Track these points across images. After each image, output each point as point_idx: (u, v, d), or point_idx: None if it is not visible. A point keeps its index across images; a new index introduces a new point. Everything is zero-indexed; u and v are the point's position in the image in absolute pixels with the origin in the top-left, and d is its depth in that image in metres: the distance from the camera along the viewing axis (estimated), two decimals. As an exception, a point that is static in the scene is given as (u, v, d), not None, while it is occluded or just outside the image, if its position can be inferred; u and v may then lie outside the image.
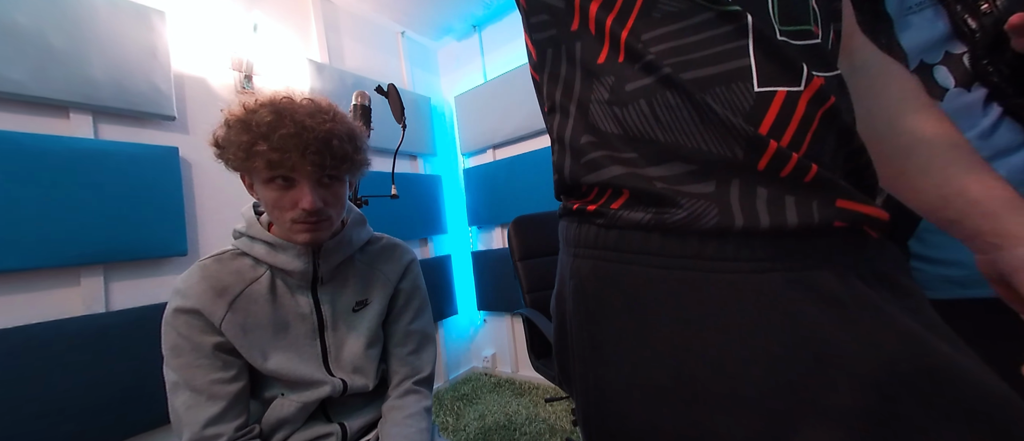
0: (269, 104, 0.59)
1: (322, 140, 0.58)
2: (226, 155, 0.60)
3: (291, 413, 0.67)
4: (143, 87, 1.33)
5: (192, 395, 0.60)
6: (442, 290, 2.34)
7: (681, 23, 0.32)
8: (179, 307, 0.61)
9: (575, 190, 0.38)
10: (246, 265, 0.66)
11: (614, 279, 0.33)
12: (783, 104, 0.30)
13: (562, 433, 1.69)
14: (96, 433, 1.14)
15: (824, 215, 0.29)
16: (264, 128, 0.57)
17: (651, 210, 0.32)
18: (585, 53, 0.36)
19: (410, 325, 0.79)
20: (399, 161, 2.25)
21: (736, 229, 0.29)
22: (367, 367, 0.73)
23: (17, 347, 1.05)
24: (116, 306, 1.25)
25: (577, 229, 0.37)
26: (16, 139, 1.10)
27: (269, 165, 0.57)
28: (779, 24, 0.32)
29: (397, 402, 0.74)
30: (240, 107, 0.60)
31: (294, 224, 0.62)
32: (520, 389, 2.17)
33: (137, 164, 1.29)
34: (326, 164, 0.59)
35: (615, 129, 0.34)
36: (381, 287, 0.76)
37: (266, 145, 0.56)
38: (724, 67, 0.31)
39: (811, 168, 0.29)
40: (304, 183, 0.60)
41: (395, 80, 2.32)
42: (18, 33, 1.13)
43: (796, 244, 0.29)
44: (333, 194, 0.64)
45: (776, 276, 0.29)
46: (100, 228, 1.21)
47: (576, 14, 0.36)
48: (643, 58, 0.32)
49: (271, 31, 1.79)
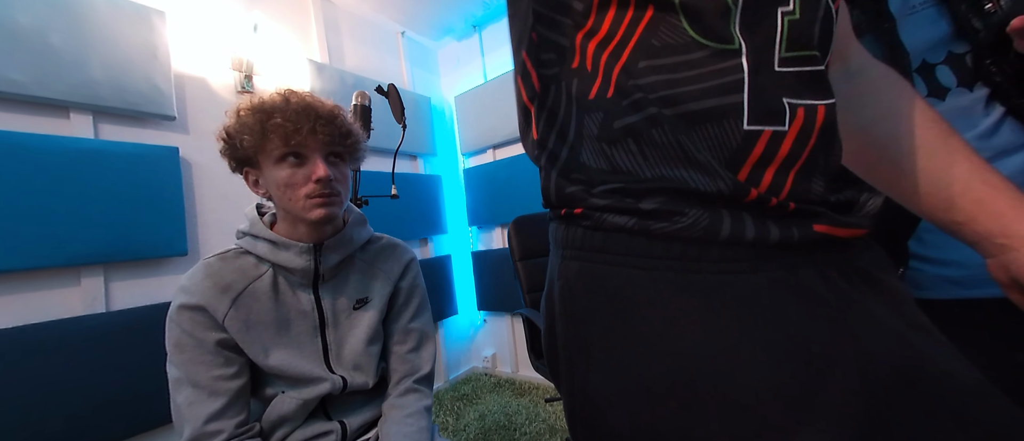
0: (274, 94, 0.65)
1: (329, 115, 0.65)
2: (236, 143, 0.64)
3: (291, 410, 0.68)
4: (143, 87, 1.33)
5: (194, 391, 0.61)
6: (442, 290, 2.33)
7: (678, 57, 0.32)
8: (184, 304, 0.62)
9: (562, 205, 0.38)
10: (249, 263, 0.67)
11: (599, 280, 0.33)
12: (768, 143, 0.30)
13: (562, 433, 1.69)
14: (96, 433, 1.14)
15: (804, 235, 0.30)
16: (277, 105, 0.62)
17: (634, 218, 0.32)
18: (579, 88, 0.36)
19: (409, 323, 0.79)
20: (399, 161, 2.25)
21: (721, 238, 0.30)
22: (367, 364, 0.74)
23: (17, 347, 1.05)
24: (116, 306, 1.25)
25: (565, 231, 0.37)
26: (16, 139, 1.10)
27: (285, 137, 0.61)
28: (783, 51, 0.31)
29: (397, 401, 0.74)
30: (247, 101, 0.65)
31: (309, 199, 0.64)
32: (520, 389, 2.17)
33: (137, 164, 1.29)
34: (335, 137, 0.65)
35: (603, 164, 0.34)
36: (381, 285, 0.77)
37: (280, 118, 0.61)
38: (717, 102, 0.31)
39: (789, 206, 0.31)
40: (316, 156, 0.64)
41: (395, 80, 2.32)
42: (18, 33, 1.13)
43: (779, 248, 0.30)
44: (340, 172, 0.68)
45: (760, 277, 0.30)
46: (100, 228, 1.21)
47: (577, 52, 0.36)
48: (631, 95, 0.33)
49: (271, 31, 1.79)
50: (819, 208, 0.32)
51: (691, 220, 0.30)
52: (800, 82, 0.32)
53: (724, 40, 0.31)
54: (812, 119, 0.31)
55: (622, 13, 0.34)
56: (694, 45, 0.32)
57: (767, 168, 0.31)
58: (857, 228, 0.32)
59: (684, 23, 0.32)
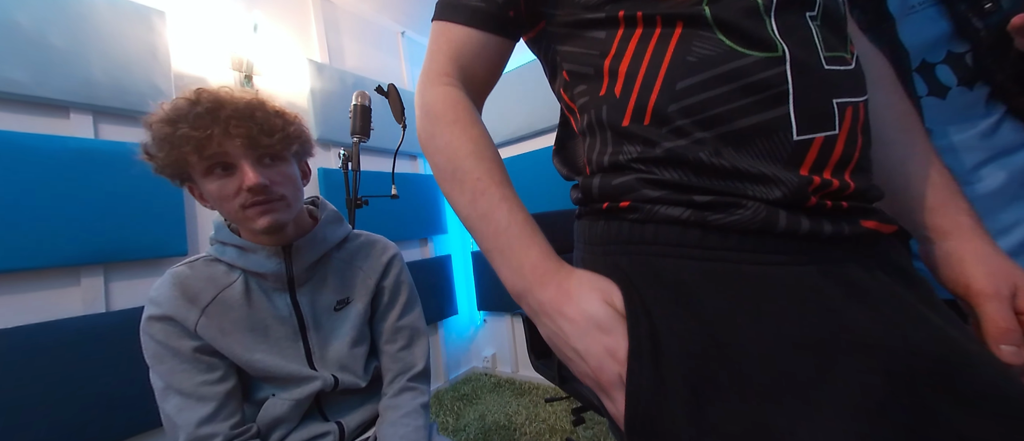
0: (184, 96, 0.57)
1: (242, 112, 0.57)
2: (157, 161, 0.58)
3: (284, 412, 0.67)
4: (143, 87, 1.33)
5: (181, 398, 0.60)
6: (442, 290, 2.33)
7: (717, 69, 0.32)
8: (152, 315, 0.61)
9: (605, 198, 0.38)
10: (219, 271, 0.65)
11: (655, 272, 0.33)
12: (821, 149, 0.31)
13: (562, 433, 1.68)
14: (96, 433, 1.13)
15: (853, 230, 0.32)
16: (182, 112, 0.55)
17: (689, 209, 0.32)
18: (610, 116, 0.36)
19: (398, 321, 0.77)
20: (399, 161, 2.25)
21: (778, 231, 0.31)
22: (354, 366, 0.72)
23: (17, 347, 1.05)
24: (116, 306, 1.25)
25: (605, 225, 0.37)
26: (16, 139, 1.10)
27: (198, 148, 0.55)
28: (825, 51, 0.32)
29: (393, 401, 0.73)
30: (159, 110, 0.57)
31: (245, 210, 0.59)
32: (520, 389, 2.17)
33: (137, 164, 1.27)
34: (255, 137, 0.57)
35: (651, 175, 0.34)
36: (362, 285, 0.75)
37: (187, 126, 0.54)
38: (762, 118, 0.31)
39: (842, 204, 0.32)
40: (243, 162, 0.58)
41: (395, 80, 2.32)
42: (18, 33, 1.13)
43: (830, 242, 0.32)
44: (280, 173, 0.62)
45: (811, 269, 0.31)
46: (100, 228, 1.20)
47: (605, 78, 0.37)
48: (672, 122, 0.33)
49: (271, 31, 1.78)
50: (867, 205, 0.34)
51: (750, 213, 0.31)
52: (845, 81, 0.32)
53: (767, 47, 0.31)
54: (857, 117, 0.32)
55: (650, 31, 0.34)
56: (733, 55, 0.31)
57: (822, 171, 0.32)
58: (895, 224, 0.34)
59: (719, 35, 0.32)
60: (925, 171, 0.40)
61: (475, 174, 0.36)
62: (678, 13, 0.32)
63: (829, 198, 0.32)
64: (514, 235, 0.35)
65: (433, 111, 0.40)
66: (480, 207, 0.36)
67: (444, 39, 0.42)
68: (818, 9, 0.33)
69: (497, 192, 0.36)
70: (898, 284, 0.32)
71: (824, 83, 0.31)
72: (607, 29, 0.36)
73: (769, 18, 0.31)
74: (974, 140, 0.51)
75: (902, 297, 0.32)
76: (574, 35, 0.39)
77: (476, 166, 0.37)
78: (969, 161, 0.51)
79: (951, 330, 0.31)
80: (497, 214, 0.35)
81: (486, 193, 0.36)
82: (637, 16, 0.34)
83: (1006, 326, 0.33)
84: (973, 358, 0.30)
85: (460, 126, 0.38)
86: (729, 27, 0.31)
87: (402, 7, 2.22)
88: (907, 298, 0.32)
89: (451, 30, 0.41)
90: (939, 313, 0.33)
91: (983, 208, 0.51)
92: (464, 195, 0.37)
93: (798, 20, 0.32)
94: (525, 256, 0.34)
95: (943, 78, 0.52)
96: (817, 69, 0.31)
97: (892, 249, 0.35)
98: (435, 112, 0.40)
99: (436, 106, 0.40)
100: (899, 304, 0.31)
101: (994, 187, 0.50)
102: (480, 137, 0.39)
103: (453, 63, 0.41)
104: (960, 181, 0.51)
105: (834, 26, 0.33)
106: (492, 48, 0.42)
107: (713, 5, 0.32)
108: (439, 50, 0.42)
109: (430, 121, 0.40)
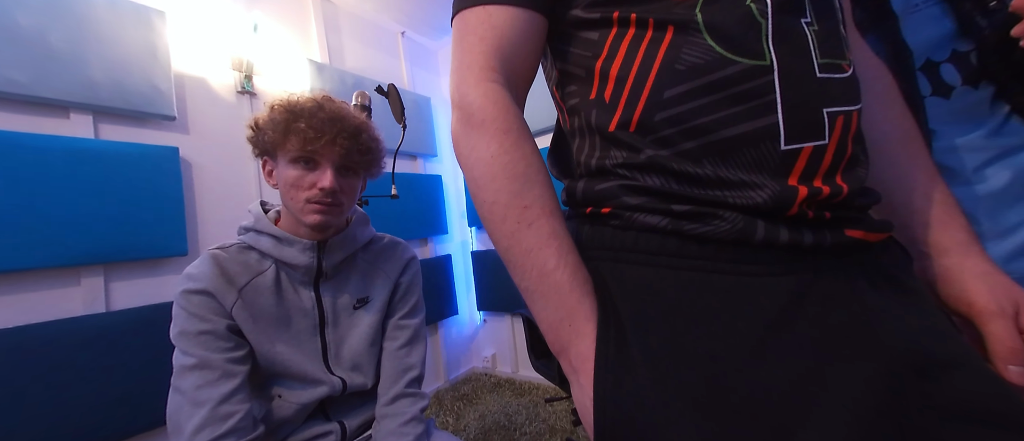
0: (310, 97, 0.66)
1: (353, 131, 0.66)
2: (261, 135, 0.65)
3: (289, 415, 0.67)
4: (143, 87, 1.33)
5: (204, 374, 0.59)
6: (442, 290, 2.33)
7: (705, 78, 0.31)
8: (190, 289, 0.62)
9: (588, 203, 0.38)
10: (252, 258, 0.68)
11: (634, 280, 0.32)
12: (809, 159, 0.31)
13: (562, 433, 1.68)
14: (96, 433, 1.13)
15: (836, 240, 0.31)
16: (306, 110, 0.64)
17: (667, 218, 0.32)
18: (599, 119, 0.36)
19: (402, 319, 0.79)
20: (399, 161, 2.25)
21: (756, 241, 0.30)
22: (366, 365, 0.74)
23: (17, 347, 1.05)
24: (116, 306, 1.25)
25: (590, 230, 0.36)
26: (16, 139, 1.10)
27: (303, 143, 0.62)
28: (819, 58, 0.32)
29: (389, 409, 0.73)
30: (285, 98, 0.67)
31: (308, 203, 0.65)
32: (520, 389, 2.17)
33: (137, 164, 1.29)
34: (351, 152, 0.66)
35: (633, 182, 0.34)
36: (382, 284, 0.77)
37: (304, 123, 0.62)
38: (750, 126, 0.30)
39: (825, 215, 0.31)
40: (326, 165, 0.65)
41: (395, 80, 2.32)
42: (18, 33, 1.13)
43: (811, 252, 0.31)
44: (349, 185, 0.69)
45: (790, 279, 0.30)
46: (100, 228, 1.20)
47: (595, 80, 0.36)
48: (658, 131, 0.32)
49: (271, 31, 1.78)
50: (852, 213, 0.32)
51: (728, 224, 0.30)
52: (838, 89, 0.32)
53: (756, 55, 0.30)
54: (848, 127, 0.32)
55: (641, 34, 0.33)
56: (723, 62, 0.31)
57: (809, 181, 0.31)
58: (885, 231, 0.33)
59: (709, 40, 0.31)
60: (925, 188, 0.39)
61: (524, 200, 0.32)
62: (670, 18, 0.32)
63: (817, 207, 0.31)
64: (564, 282, 0.31)
65: (478, 116, 0.34)
66: (526, 240, 0.32)
67: (487, 26, 0.36)
68: (815, 15, 0.32)
69: (547, 226, 0.32)
70: (883, 294, 0.31)
71: (815, 92, 0.31)
72: (601, 30, 0.35)
73: (765, 23, 0.31)
74: (979, 140, 0.51)
75: (887, 309, 0.31)
76: (570, 34, 0.38)
77: (526, 190, 0.32)
78: (974, 161, 0.51)
79: (937, 336, 0.31)
80: (546, 252, 0.31)
81: (534, 224, 0.32)
82: (631, 18, 0.33)
83: (1013, 345, 0.32)
84: (959, 363, 0.30)
85: (512, 138, 0.33)
86: (719, 32, 0.31)
87: (402, 7, 2.22)
88: (893, 310, 0.31)
89: (495, 15, 0.35)
90: (933, 319, 0.32)
91: (988, 208, 0.50)
92: (507, 223, 0.32)
93: (794, 26, 0.31)
94: (575, 310, 0.31)
95: (947, 77, 0.52)
96: (809, 77, 0.31)
97: (885, 256, 0.34)
98: (481, 117, 0.34)
99: (484, 110, 0.34)
100: (884, 316, 0.30)
101: (999, 187, 0.50)
102: (533, 154, 0.34)
103: (497, 55, 0.35)
104: (965, 181, 0.51)
105: (832, 32, 0.33)
106: (539, 33, 0.37)
107: (706, 10, 0.31)
108: (481, 39, 0.36)
109: (473, 127, 0.34)
